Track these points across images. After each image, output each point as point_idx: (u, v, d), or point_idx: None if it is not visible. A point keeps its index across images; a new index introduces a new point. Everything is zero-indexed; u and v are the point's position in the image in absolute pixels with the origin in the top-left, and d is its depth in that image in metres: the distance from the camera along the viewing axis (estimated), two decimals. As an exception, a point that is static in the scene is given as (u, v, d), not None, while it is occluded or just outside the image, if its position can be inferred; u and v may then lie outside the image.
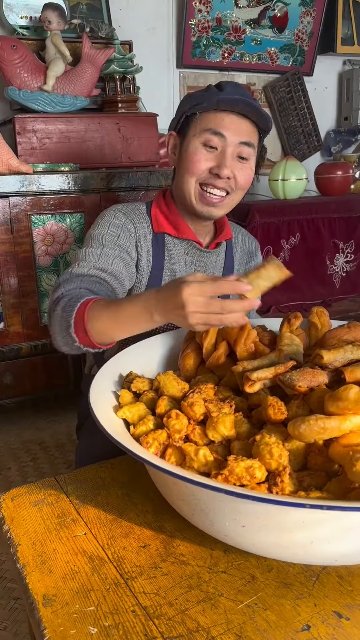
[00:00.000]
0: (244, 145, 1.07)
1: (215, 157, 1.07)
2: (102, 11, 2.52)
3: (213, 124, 1.06)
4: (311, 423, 0.61)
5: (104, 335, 0.91)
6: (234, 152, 1.07)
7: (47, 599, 0.62)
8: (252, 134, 1.09)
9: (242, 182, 1.10)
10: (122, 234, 1.11)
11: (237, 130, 1.06)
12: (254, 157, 1.11)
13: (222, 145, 1.06)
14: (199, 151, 1.08)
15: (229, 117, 1.06)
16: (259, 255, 1.34)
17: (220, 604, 0.61)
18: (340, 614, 0.59)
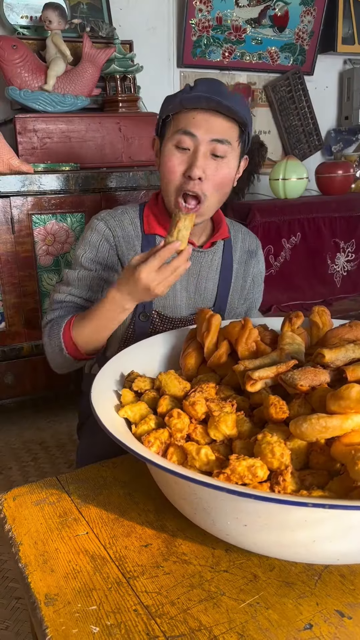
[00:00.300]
0: (217, 142, 1.03)
1: (188, 158, 1.05)
2: (103, 11, 2.52)
3: (183, 123, 1.03)
4: (313, 422, 0.61)
5: (92, 342, 1.06)
6: (206, 150, 1.04)
7: (49, 599, 0.62)
8: (227, 130, 1.04)
9: (217, 180, 1.06)
10: (101, 247, 1.14)
11: (209, 127, 1.02)
12: (232, 153, 1.07)
13: (194, 144, 1.04)
14: (172, 154, 1.05)
15: (200, 115, 1.02)
16: (260, 254, 1.33)
17: (222, 603, 0.60)
18: (343, 612, 0.59)
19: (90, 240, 1.15)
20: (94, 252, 1.14)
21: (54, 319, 1.11)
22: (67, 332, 1.06)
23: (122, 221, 1.16)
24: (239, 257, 1.27)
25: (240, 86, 3.07)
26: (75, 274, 1.14)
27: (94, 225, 1.16)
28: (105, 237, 1.14)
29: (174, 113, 1.05)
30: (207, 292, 1.22)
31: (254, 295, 1.32)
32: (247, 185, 2.85)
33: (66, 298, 1.14)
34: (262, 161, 2.85)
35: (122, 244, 1.15)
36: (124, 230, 1.15)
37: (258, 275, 1.32)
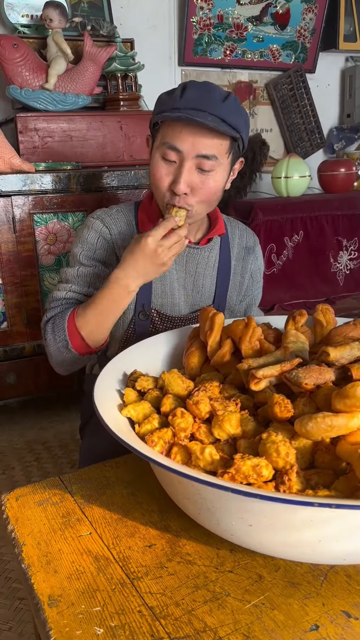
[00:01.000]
0: (203, 158, 1.00)
1: (174, 171, 1.03)
2: (104, 9, 2.52)
3: (170, 136, 1.01)
4: (318, 421, 0.61)
5: (98, 332, 1.06)
6: (192, 165, 1.01)
7: (52, 600, 0.61)
8: (214, 145, 1.00)
9: (204, 194, 1.04)
10: (99, 244, 1.14)
11: (194, 142, 0.99)
12: (220, 167, 1.04)
13: (179, 158, 1.01)
14: (159, 164, 1.04)
15: (187, 128, 0.99)
16: (258, 250, 1.31)
17: (227, 604, 0.60)
18: (349, 613, 0.59)
19: (87, 238, 1.14)
20: (92, 250, 1.14)
21: (55, 315, 1.10)
22: (71, 323, 1.05)
23: (117, 219, 1.15)
24: (236, 254, 1.26)
25: (241, 84, 3.07)
26: (75, 271, 1.14)
27: (90, 224, 1.15)
28: (102, 234, 1.14)
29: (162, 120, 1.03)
30: (205, 290, 1.21)
31: (253, 292, 1.32)
32: (249, 183, 2.84)
33: (67, 295, 1.12)
34: (264, 159, 2.85)
35: (118, 242, 1.14)
36: (120, 228, 1.15)
37: (257, 271, 1.31)
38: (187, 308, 1.21)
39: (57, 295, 1.13)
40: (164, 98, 1.04)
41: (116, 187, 2.14)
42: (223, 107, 0.99)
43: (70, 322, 1.05)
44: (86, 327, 1.04)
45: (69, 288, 1.13)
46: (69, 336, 1.05)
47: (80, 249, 1.14)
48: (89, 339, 1.06)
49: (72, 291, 1.13)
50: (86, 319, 1.04)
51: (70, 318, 1.05)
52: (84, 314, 1.04)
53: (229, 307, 1.27)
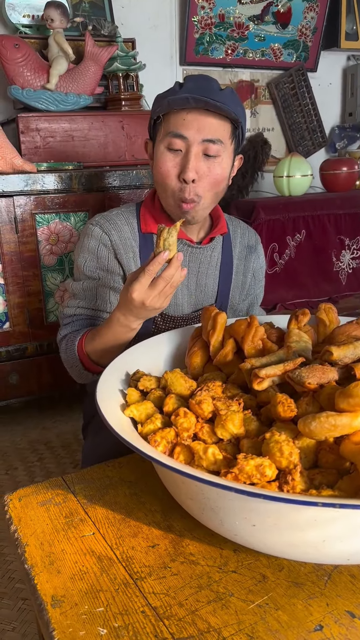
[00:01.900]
0: (209, 142, 1.02)
1: (181, 160, 1.03)
2: (105, 9, 2.52)
3: (173, 125, 1.02)
4: (322, 420, 0.60)
5: (106, 357, 1.05)
6: (198, 151, 1.02)
7: (55, 600, 0.61)
8: (218, 129, 1.02)
9: (211, 180, 1.05)
10: (100, 253, 1.14)
11: (199, 127, 1.01)
12: (225, 152, 1.05)
13: (185, 146, 1.02)
14: (165, 156, 1.04)
15: (190, 115, 1.00)
16: (260, 249, 1.31)
17: (231, 604, 0.60)
18: (354, 613, 0.58)
19: (89, 247, 1.14)
20: (94, 260, 1.14)
21: (67, 334, 1.13)
22: (80, 349, 1.09)
23: (116, 223, 1.15)
24: (238, 253, 1.26)
25: (243, 83, 3.06)
26: (81, 286, 1.15)
27: (89, 231, 1.15)
28: (102, 241, 1.14)
29: (164, 114, 1.03)
30: (208, 289, 1.21)
31: (255, 291, 1.32)
32: (251, 182, 2.84)
33: (76, 312, 1.16)
34: (265, 159, 2.85)
35: (119, 246, 1.14)
36: (119, 231, 1.14)
37: (259, 270, 1.31)
38: (189, 307, 1.20)
39: (67, 312, 1.17)
40: (162, 94, 1.05)
41: (118, 187, 2.14)
42: (222, 94, 1.01)
43: (79, 347, 1.09)
44: (94, 354, 1.08)
45: (77, 304, 1.16)
46: (79, 359, 1.10)
47: (82, 259, 1.15)
48: (98, 362, 1.09)
49: (80, 307, 1.16)
50: (94, 347, 1.06)
51: (79, 344, 1.09)
52: (91, 343, 1.06)
53: (231, 306, 1.27)
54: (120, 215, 1.16)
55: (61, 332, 1.15)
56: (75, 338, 1.10)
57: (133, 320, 0.98)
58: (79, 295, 1.16)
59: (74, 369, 1.13)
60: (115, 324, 1.00)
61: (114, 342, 1.04)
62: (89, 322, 1.16)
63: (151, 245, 1.16)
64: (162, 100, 1.03)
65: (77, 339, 1.09)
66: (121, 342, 1.04)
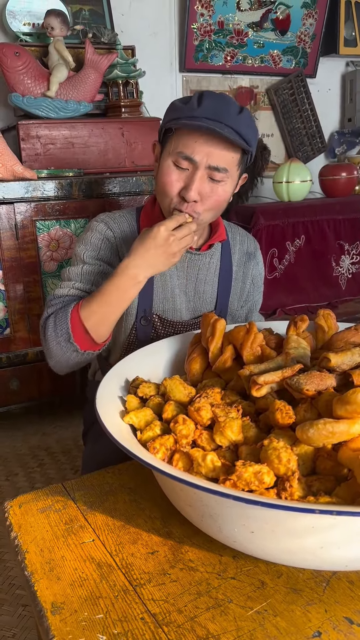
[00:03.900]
0: (214, 170, 1.02)
1: (185, 178, 1.04)
2: (105, 17, 2.53)
3: (183, 145, 1.02)
4: (320, 427, 0.61)
5: (103, 325, 1.03)
6: (204, 174, 1.03)
7: (55, 607, 0.62)
8: (226, 157, 1.02)
9: (212, 202, 1.06)
10: (103, 245, 1.14)
11: (208, 154, 1.01)
12: (230, 179, 1.06)
13: (192, 167, 1.03)
14: (171, 170, 1.04)
15: (202, 138, 1.00)
16: (259, 256, 1.32)
17: (229, 611, 0.60)
18: (352, 620, 0.59)
19: (91, 240, 1.14)
20: (95, 250, 1.14)
21: (56, 311, 1.04)
22: (74, 314, 1.01)
23: (120, 223, 1.16)
24: (237, 259, 1.27)
25: (242, 90, 3.08)
26: (79, 269, 1.11)
27: (94, 227, 1.15)
28: (105, 236, 1.14)
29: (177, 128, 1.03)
30: (207, 295, 1.22)
31: (254, 298, 1.32)
32: (251, 188, 2.85)
33: (69, 292, 1.09)
34: (265, 164, 2.85)
35: (121, 243, 1.15)
36: (123, 232, 1.15)
37: (257, 277, 1.32)
38: (188, 314, 1.21)
39: (59, 293, 1.10)
40: (179, 106, 1.04)
41: (118, 193, 2.14)
42: (238, 120, 1.01)
43: (74, 314, 1.01)
44: (91, 319, 1.01)
45: (71, 285, 1.10)
46: (71, 328, 1.01)
47: (83, 249, 1.14)
48: (92, 331, 1.02)
49: (75, 288, 1.09)
50: (91, 309, 1.00)
51: (74, 310, 1.01)
52: (89, 305, 1.01)
53: (230, 313, 1.27)
54: (123, 217, 1.18)
55: (48, 310, 1.06)
56: (68, 307, 1.02)
57: (144, 267, 0.99)
58: (74, 278, 1.11)
59: (59, 345, 1.02)
60: (122, 273, 0.99)
61: (115, 299, 1.00)
62: None
63: None
64: (178, 112, 1.03)
65: (71, 307, 1.02)
66: (122, 300, 1.00)
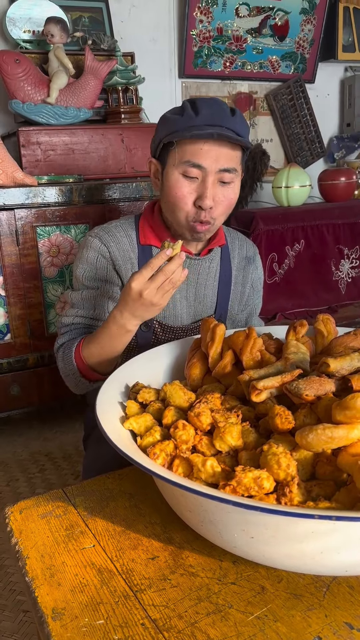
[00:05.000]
0: (224, 172, 1.04)
1: (197, 187, 1.05)
2: (104, 23, 2.55)
3: (190, 154, 1.02)
4: (319, 432, 0.61)
5: (103, 363, 1.08)
6: (215, 179, 1.04)
7: (56, 613, 0.62)
8: (233, 158, 1.05)
9: (226, 205, 1.08)
10: (99, 264, 1.15)
11: (216, 157, 1.02)
12: (237, 178, 1.09)
13: (202, 175, 1.04)
14: (181, 183, 1.05)
15: (207, 146, 1.02)
16: (258, 260, 1.33)
17: (230, 616, 0.60)
18: (352, 625, 0.59)
19: (87, 258, 1.15)
20: (93, 270, 1.15)
21: (64, 343, 1.14)
22: (77, 355, 1.09)
23: (115, 235, 1.16)
24: (237, 264, 1.27)
25: (241, 95, 3.09)
26: (80, 295, 1.16)
27: (88, 243, 1.16)
28: (100, 253, 1.15)
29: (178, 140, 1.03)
30: (207, 300, 1.22)
31: (253, 302, 1.33)
32: (250, 193, 2.86)
33: (74, 320, 1.16)
34: (264, 169, 2.86)
35: (117, 258, 1.15)
36: (118, 244, 1.15)
37: (257, 281, 1.32)
38: (189, 318, 1.22)
39: (65, 321, 1.17)
40: (173, 118, 1.04)
41: (118, 199, 2.15)
42: (235, 121, 1.03)
43: (77, 353, 1.09)
44: (92, 359, 1.08)
45: (75, 313, 1.16)
46: (77, 366, 1.09)
47: (82, 269, 1.16)
48: (96, 367, 1.09)
49: (78, 316, 1.16)
50: (91, 352, 1.07)
51: (77, 350, 1.09)
52: (88, 347, 1.07)
53: (230, 317, 1.28)
54: (119, 227, 1.18)
55: (58, 341, 1.16)
56: (72, 344, 1.10)
57: (129, 317, 0.98)
58: (77, 305, 1.17)
59: (70, 377, 1.13)
60: (112, 322, 1.00)
61: (109, 345, 1.04)
62: (87, 331, 1.16)
63: (149, 258, 1.16)
64: (175, 124, 1.03)
65: (75, 344, 1.10)
66: (116, 345, 1.04)
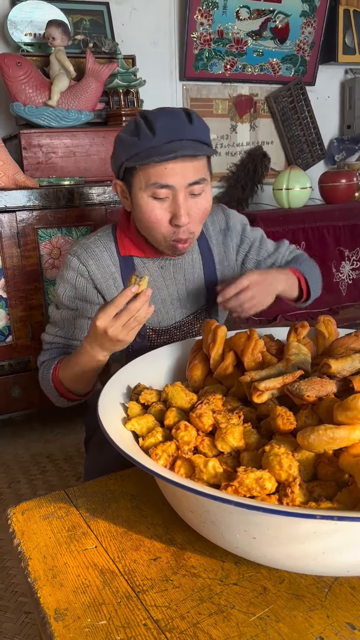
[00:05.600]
0: (194, 184, 1.02)
1: (169, 206, 1.02)
2: (105, 26, 2.56)
3: (155, 176, 1.00)
4: (320, 433, 0.61)
5: (78, 387, 1.11)
6: (186, 195, 1.02)
7: (58, 613, 0.62)
8: (199, 168, 1.02)
9: (201, 215, 1.06)
10: (78, 284, 1.14)
11: (183, 174, 1.00)
12: (208, 184, 1.06)
13: (172, 193, 1.01)
14: (152, 205, 1.02)
15: (170, 164, 0.99)
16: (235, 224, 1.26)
17: (232, 617, 0.60)
18: (354, 625, 0.59)
19: (67, 278, 1.15)
20: (72, 290, 1.15)
21: (45, 361, 1.16)
22: (55, 377, 1.12)
23: (94, 251, 1.14)
24: (215, 241, 1.24)
25: (242, 97, 3.10)
26: (59, 314, 1.17)
27: (67, 262, 1.15)
28: (79, 272, 1.13)
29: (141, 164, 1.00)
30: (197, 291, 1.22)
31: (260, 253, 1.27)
32: (251, 195, 2.87)
33: (54, 340, 1.18)
34: (265, 171, 2.88)
35: (97, 276, 1.14)
36: (97, 260, 1.14)
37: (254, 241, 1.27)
38: (182, 315, 1.22)
39: (45, 339, 1.19)
40: (131, 140, 1.01)
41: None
42: (194, 129, 1.00)
43: (54, 375, 1.12)
44: (67, 382, 1.11)
45: (55, 332, 1.18)
46: (55, 387, 1.13)
47: (62, 289, 1.16)
48: (71, 389, 1.12)
49: (57, 336, 1.17)
50: (65, 376, 1.09)
51: (54, 372, 1.12)
52: (64, 371, 1.10)
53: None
54: (98, 242, 1.15)
55: (40, 358, 1.18)
56: (50, 365, 1.13)
57: (98, 350, 0.98)
58: (57, 324, 1.18)
59: (51, 394, 1.16)
60: (82, 352, 1.01)
61: (81, 372, 1.06)
62: (65, 351, 1.17)
63: (132, 268, 1.16)
64: (134, 147, 1.00)
65: (53, 366, 1.12)
66: (88, 372, 1.05)
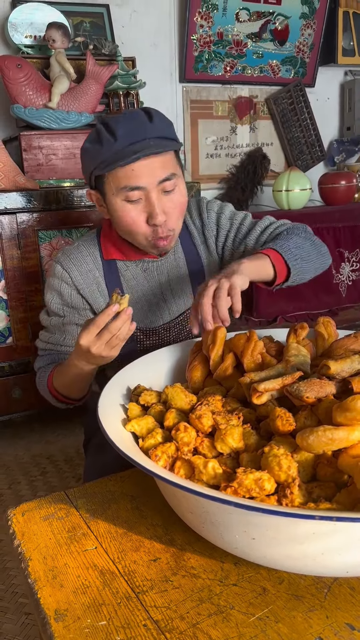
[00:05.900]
0: (165, 181, 1.02)
1: (144, 207, 1.03)
2: (105, 28, 2.56)
3: (124, 180, 1.00)
4: (319, 434, 0.62)
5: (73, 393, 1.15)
6: (158, 193, 1.02)
7: (58, 614, 0.62)
8: (167, 164, 1.02)
9: (177, 211, 1.06)
10: (64, 291, 1.16)
11: (151, 172, 1.00)
12: (179, 179, 1.05)
13: (144, 194, 1.02)
14: (126, 209, 1.03)
15: (136, 165, 0.99)
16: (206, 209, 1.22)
17: (231, 617, 0.60)
18: (353, 626, 0.59)
19: (53, 285, 1.17)
20: (59, 297, 1.16)
21: (40, 367, 1.19)
22: (50, 384, 1.15)
23: (77, 257, 1.15)
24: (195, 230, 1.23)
25: (242, 99, 3.10)
26: (49, 321, 1.19)
27: (52, 269, 1.17)
28: (63, 279, 1.15)
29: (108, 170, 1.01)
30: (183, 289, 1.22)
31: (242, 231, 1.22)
32: (251, 197, 2.87)
33: (47, 346, 1.20)
34: (265, 173, 2.88)
35: (80, 282, 1.15)
36: (80, 266, 1.15)
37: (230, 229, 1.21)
38: (169, 316, 1.22)
39: (39, 345, 1.22)
40: (94, 149, 1.02)
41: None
42: (155, 126, 1.01)
43: (49, 383, 1.15)
44: (61, 390, 1.14)
45: (47, 339, 1.20)
46: (51, 393, 1.16)
47: (49, 296, 1.18)
48: (67, 395, 1.15)
49: (50, 342, 1.20)
50: (59, 384, 1.13)
51: (49, 379, 1.15)
52: (57, 380, 1.13)
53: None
54: (82, 247, 1.16)
55: (36, 364, 1.21)
56: (46, 372, 1.16)
57: (85, 364, 1.01)
58: (49, 330, 1.20)
59: (48, 398, 1.19)
60: (71, 365, 1.04)
61: (73, 381, 1.09)
62: (58, 357, 1.19)
63: (115, 272, 1.17)
64: (99, 155, 1.01)
65: (47, 374, 1.15)
66: (80, 381, 1.09)
